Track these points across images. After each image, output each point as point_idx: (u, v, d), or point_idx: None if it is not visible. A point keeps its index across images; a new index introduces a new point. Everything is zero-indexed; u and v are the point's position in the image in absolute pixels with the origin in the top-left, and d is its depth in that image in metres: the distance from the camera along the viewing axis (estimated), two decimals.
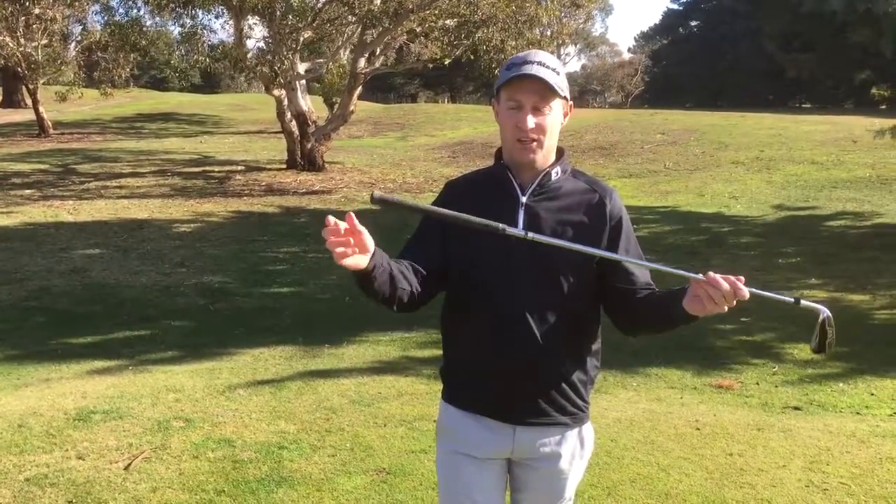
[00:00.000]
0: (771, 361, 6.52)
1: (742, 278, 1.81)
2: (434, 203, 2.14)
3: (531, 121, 2.07)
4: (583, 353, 2.18)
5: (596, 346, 2.21)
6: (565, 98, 2.13)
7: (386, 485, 3.87)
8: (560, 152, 2.22)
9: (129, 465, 4.04)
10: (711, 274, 1.82)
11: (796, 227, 12.32)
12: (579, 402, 2.18)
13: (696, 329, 2.18)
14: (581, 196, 2.17)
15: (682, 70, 55.01)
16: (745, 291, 1.81)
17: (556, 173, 2.17)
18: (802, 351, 6.76)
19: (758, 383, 5.99)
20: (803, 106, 46.45)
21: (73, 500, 3.66)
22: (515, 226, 2.06)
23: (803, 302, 1.90)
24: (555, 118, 2.12)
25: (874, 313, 8.17)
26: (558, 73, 2.08)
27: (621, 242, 2.14)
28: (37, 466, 4.02)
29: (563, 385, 2.14)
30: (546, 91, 2.06)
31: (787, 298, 1.89)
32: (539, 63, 2.06)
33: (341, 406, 5.01)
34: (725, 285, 1.79)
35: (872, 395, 5.68)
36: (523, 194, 2.14)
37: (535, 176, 2.15)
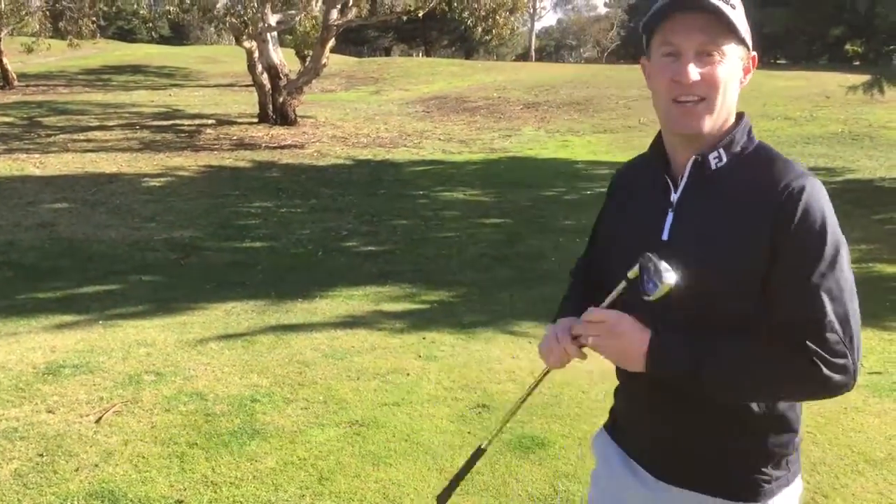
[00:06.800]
0: None
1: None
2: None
3: (694, 70, 1.48)
4: (747, 417, 1.58)
5: (773, 409, 1.59)
6: (745, 44, 1.54)
7: (359, 437, 3.88)
8: (737, 120, 1.60)
9: (100, 418, 4.02)
10: None
11: None
12: (743, 475, 1.62)
13: None
14: (755, 192, 1.50)
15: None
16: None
17: (715, 158, 1.55)
18: None
19: None
20: (778, 62, 46.49)
21: (44, 453, 3.64)
22: (660, 236, 1.58)
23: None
24: (731, 69, 1.51)
25: None
26: (734, 7, 1.49)
27: (787, 255, 1.46)
28: (6, 420, 3.98)
29: (715, 451, 1.62)
30: (717, 27, 1.48)
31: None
32: None
33: (314, 360, 5.01)
34: None
35: None
36: (675, 189, 1.60)
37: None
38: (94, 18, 24.83)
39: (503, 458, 3.69)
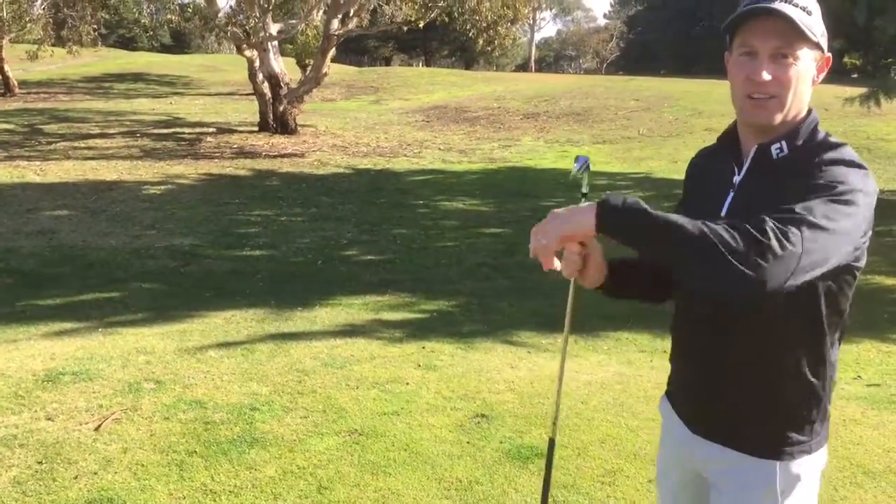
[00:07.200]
0: None
1: None
2: None
3: (767, 72, 1.63)
4: (770, 375, 1.73)
5: (797, 372, 1.72)
6: (819, 47, 1.67)
7: (358, 446, 3.88)
8: (805, 115, 1.73)
9: (100, 426, 4.02)
10: None
11: None
12: (764, 433, 1.75)
13: None
14: (801, 173, 1.60)
15: (657, 36, 54.96)
16: None
17: (777, 148, 1.69)
18: None
19: None
20: None
21: (43, 461, 3.63)
22: (720, 212, 1.73)
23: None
24: (803, 70, 1.65)
25: None
26: (810, 14, 1.64)
27: (792, 190, 1.56)
28: (5, 427, 3.98)
29: (739, 408, 1.76)
30: (791, 33, 1.61)
31: None
32: (786, 0, 1.62)
33: (313, 368, 5.01)
34: None
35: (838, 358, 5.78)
36: (739, 173, 1.75)
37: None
38: (95, 26, 24.89)
39: (502, 467, 3.69)
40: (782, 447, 1.74)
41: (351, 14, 18.38)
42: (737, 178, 1.74)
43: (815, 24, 1.64)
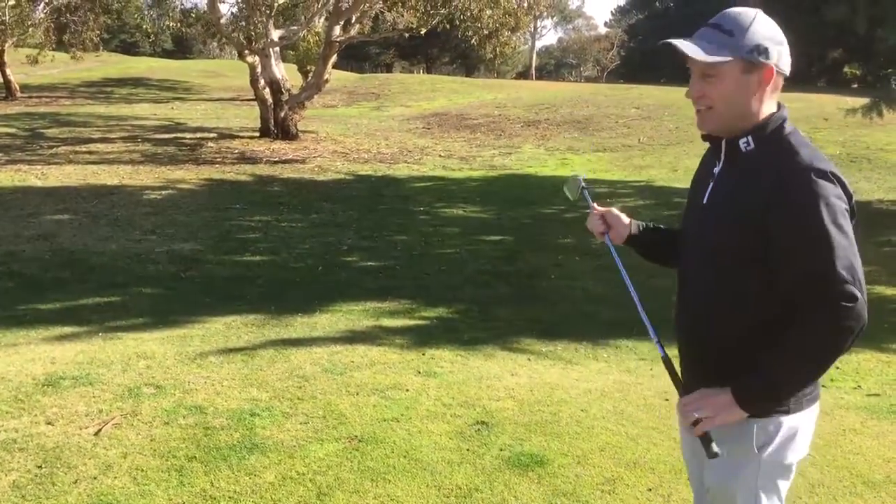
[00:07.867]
0: None
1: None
2: None
3: (696, 89, 1.94)
4: (752, 346, 1.96)
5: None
6: (747, 60, 1.86)
7: (358, 452, 3.88)
8: (769, 117, 1.95)
9: (100, 430, 4.02)
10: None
11: None
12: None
13: (666, 302, 2.21)
14: (766, 171, 1.89)
15: (657, 45, 55.07)
16: None
17: (744, 142, 1.94)
18: None
19: None
20: None
21: (43, 466, 3.64)
22: (703, 200, 2.05)
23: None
24: (731, 85, 1.89)
25: None
26: (732, 35, 1.86)
27: (784, 233, 1.83)
28: (5, 431, 3.98)
29: (722, 367, 1.99)
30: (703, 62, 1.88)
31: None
32: (712, 26, 1.90)
33: (314, 374, 5.02)
34: None
35: (837, 368, 5.78)
36: (719, 164, 2.03)
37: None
38: (97, 31, 24.94)
39: (501, 475, 3.69)
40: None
41: (353, 21, 18.43)
42: (716, 169, 2.02)
43: (739, 44, 1.86)
